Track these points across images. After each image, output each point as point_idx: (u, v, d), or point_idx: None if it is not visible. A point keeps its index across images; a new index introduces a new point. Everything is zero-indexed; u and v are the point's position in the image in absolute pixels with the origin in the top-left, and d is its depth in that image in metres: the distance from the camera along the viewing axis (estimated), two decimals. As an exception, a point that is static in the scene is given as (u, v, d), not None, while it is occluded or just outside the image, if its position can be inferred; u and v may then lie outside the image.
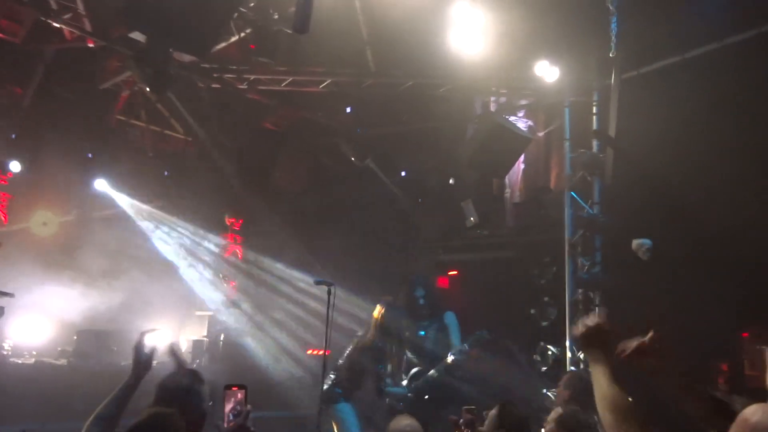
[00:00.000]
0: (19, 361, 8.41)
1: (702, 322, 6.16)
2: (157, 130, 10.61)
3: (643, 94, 7.11)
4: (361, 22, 7.74)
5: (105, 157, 10.09)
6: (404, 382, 6.68)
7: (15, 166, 8.82)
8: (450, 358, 6.43)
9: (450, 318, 6.83)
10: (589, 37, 7.23)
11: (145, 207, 10.80)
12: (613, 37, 6.98)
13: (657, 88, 7.09)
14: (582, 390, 4.37)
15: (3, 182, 8.80)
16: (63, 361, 8.68)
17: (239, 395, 2.39)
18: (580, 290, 7.53)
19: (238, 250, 11.38)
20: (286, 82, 8.92)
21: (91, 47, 7.94)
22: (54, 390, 7.22)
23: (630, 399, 2.12)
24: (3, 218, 8.73)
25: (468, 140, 8.15)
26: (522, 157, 8.86)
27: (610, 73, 7.27)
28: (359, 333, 6.96)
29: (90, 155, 9.88)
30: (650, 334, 2.35)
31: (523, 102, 9.01)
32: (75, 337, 8.92)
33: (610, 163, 7.51)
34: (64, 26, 7.53)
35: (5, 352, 8.37)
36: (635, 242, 6.61)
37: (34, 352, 8.84)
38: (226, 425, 2.33)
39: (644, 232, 6.71)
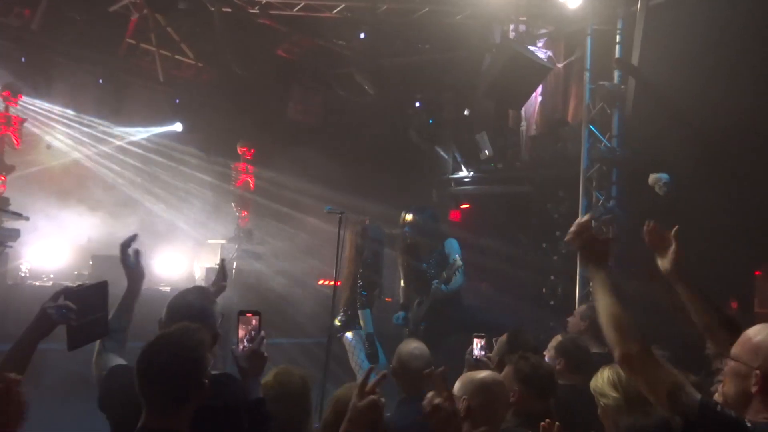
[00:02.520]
0: (37, 284, 8.58)
1: (716, 259, 6.09)
2: (168, 54, 10.39)
3: (669, 22, 6.80)
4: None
5: (115, 82, 9.96)
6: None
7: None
8: (434, 288, 6.39)
9: (450, 244, 6.77)
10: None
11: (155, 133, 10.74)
12: (641, -41, 6.63)
13: (684, 15, 6.76)
14: (599, 323, 4.38)
15: (14, 105, 8.74)
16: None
17: (254, 321, 2.39)
18: (593, 224, 7.47)
19: (250, 180, 11.37)
20: (299, 6, 8.65)
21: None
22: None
23: (630, 314, 2.12)
24: (15, 142, 8.72)
25: (485, 69, 7.93)
26: (540, 89, 8.64)
27: (636, -1, 6.95)
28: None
29: (101, 80, 9.75)
30: (675, 228, 2.36)
31: (544, 31, 8.70)
32: (90, 262, 9.06)
33: (631, 94, 7.29)
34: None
35: (23, 274, 8.52)
36: (652, 176, 6.46)
37: (52, 276, 9.01)
38: (240, 350, 2.35)
39: (665, 166, 6.55)
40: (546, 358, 3.90)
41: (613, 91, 7.44)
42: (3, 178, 8.64)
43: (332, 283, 6.60)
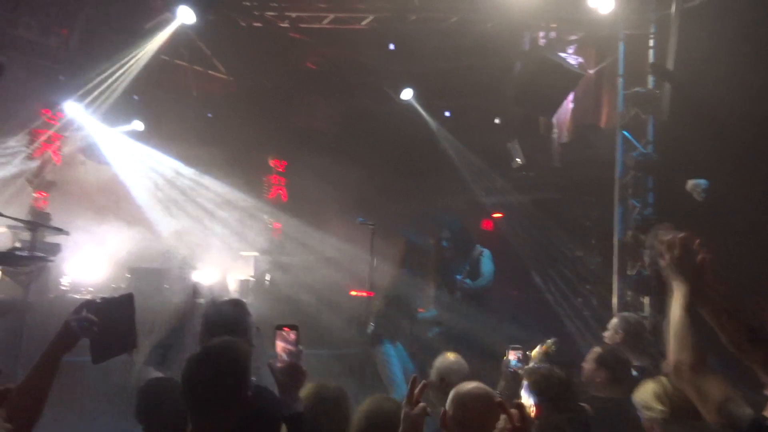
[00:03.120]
0: (77, 297, 8.77)
1: (758, 266, 5.92)
2: (200, 70, 10.58)
3: (705, 24, 6.66)
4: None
5: (150, 98, 10.14)
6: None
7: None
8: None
9: (482, 252, 6.81)
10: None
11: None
12: (675, -38, 6.52)
13: (719, 16, 6.62)
14: (634, 334, 4.31)
15: (54, 122, 8.98)
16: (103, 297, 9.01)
17: (291, 335, 2.41)
18: (629, 232, 7.34)
19: (282, 192, 11.46)
20: (328, 19, 8.73)
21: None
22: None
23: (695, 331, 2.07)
24: (55, 159, 8.96)
25: (515, 76, 7.87)
26: (571, 96, 8.55)
27: (670, 1, 6.83)
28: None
29: (135, 96, 9.95)
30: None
31: (574, 37, 8.61)
32: (128, 275, 9.23)
33: (666, 99, 7.15)
34: (106, -36, 7.49)
35: (64, 288, 8.72)
36: (690, 182, 6.34)
37: (91, 289, 9.20)
38: (279, 364, 2.36)
39: (701, 172, 6.41)
40: (584, 369, 3.84)
41: (648, 96, 7.32)
42: (45, 194, 8.87)
43: (365, 294, 6.61)
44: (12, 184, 8.69)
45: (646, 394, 2.70)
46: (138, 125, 9.90)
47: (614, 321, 4.65)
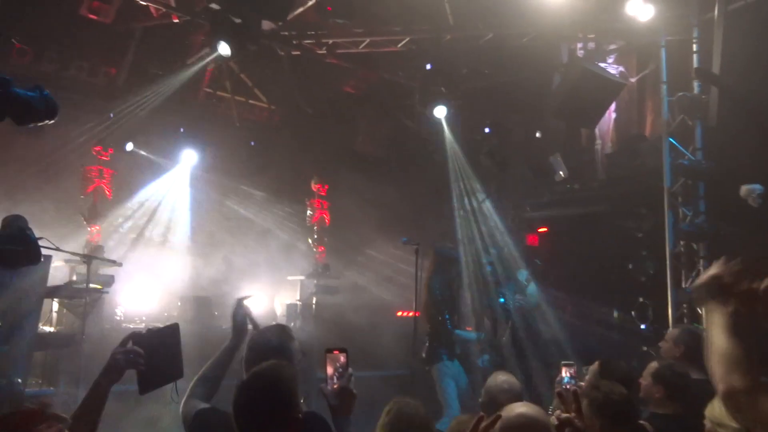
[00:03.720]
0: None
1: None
2: (242, 100, 10.85)
3: (750, 26, 6.47)
4: (437, -26, 7.51)
5: (196, 130, 10.44)
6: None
7: (128, 146, 9.40)
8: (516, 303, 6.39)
9: (522, 275, 6.78)
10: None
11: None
12: (716, -36, 6.37)
13: (764, 17, 6.43)
14: (696, 348, 4.14)
15: (106, 158, 9.34)
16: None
17: (342, 358, 2.41)
18: (681, 242, 7.12)
19: (325, 216, 11.57)
20: (364, 43, 8.85)
21: (176, 23, 8.18)
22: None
23: (744, 353, 1.94)
24: (107, 193, 9.29)
25: (555, 89, 7.80)
26: (613, 106, 8.40)
27: (712, 5, 6.67)
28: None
29: (182, 129, 10.25)
30: None
31: (613, 46, 8.49)
32: (179, 303, 9.43)
33: (714, 103, 6.94)
34: (150, 3, 7.79)
35: (118, 318, 8.96)
36: (744, 188, 6.12)
37: (144, 318, 9.43)
38: (330, 388, 2.36)
39: (754, 177, 6.19)
40: (642, 386, 3.71)
41: (694, 101, 7.13)
42: (98, 227, 9.18)
43: (411, 314, 6.58)
44: (68, 220, 9.03)
45: (721, 409, 2.56)
46: (189, 156, 10.20)
47: (674, 332, 4.48)
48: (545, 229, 10.43)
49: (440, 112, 8.59)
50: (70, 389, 6.58)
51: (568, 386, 3.68)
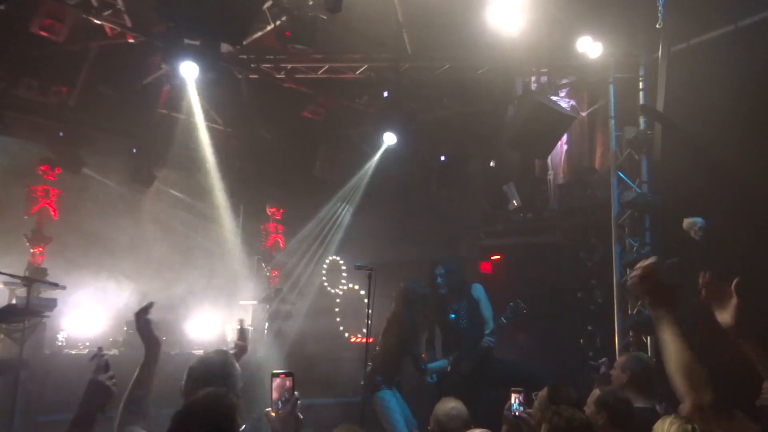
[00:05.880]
0: (73, 352, 8.66)
1: (758, 305, 5.87)
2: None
3: (693, 68, 6.80)
4: (396, 4, 7.63)
5: (149, 151, 10.23)
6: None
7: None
8: (485, 343, 6.42)
9: (477, 290, 6.82)
10: (635, 8, 6.94)
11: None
12: (660, 7, 6.67)
13: (707, 60, 6.76)
14: (642, 374, 4.23)
15: (52, 178, 9.05)
16: (115, 351, 8.91)
17: (287, 383, 2.35)
18: (628, 272, 7.32)
19: (279, 240, 11.46)
20: (323, 69, 8.90)
21: (132, 43, 8.07)
22: (107, 379, 7.42)
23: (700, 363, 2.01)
24: (53, 213, 8.99)
25: (509, 121, 7.98)
26: (565, 138, 8.65)
27: (657, 46, 6.98)
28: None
29: (135, 150, 10.03)
30: (736, 280, 2.25)
31: (565, 81, 8.77)
32: (125, 328, 9.14)
33: (658, 139, 7.24)
34: (105, 23, 7.68)
35: (60, 344, 8.63)
36: (687, 221, 6.36)
37: (87, 343, 9.10)
38: (274, 413, 2.31)
39: (697, 210, 6.43)
40: (586, 413, 3.76)
41: (640, 137, 7.41)
42: (41, 249, 8.86)
43: (364, 340, 6.52)
44: (8, 241, 8.69)
45: None
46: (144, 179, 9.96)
47: (621, 360, 4.57)
48: (498, 257, 10.57)
49: (389, 139, 8.72)
50: (3, 417, 6.27)
51: (517, 413, 3.71)
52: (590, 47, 7.11)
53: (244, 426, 2.23)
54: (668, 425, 2.52)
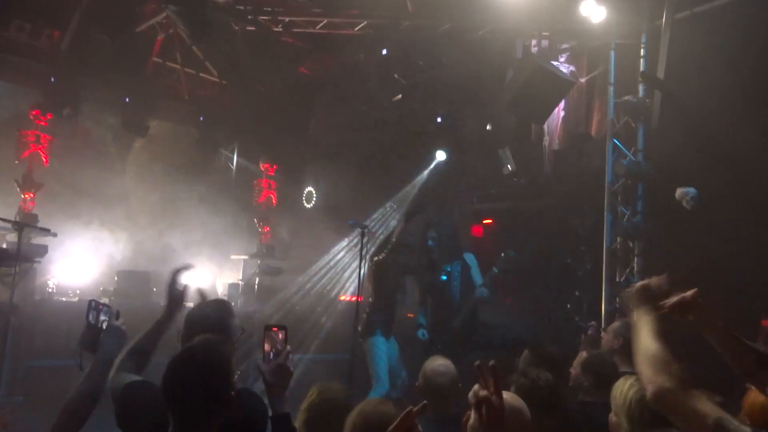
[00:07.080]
0: (63, 299, 8.70)
1: (746, 276, 5.95)
2: (192, 73, 10.55)
3: (695, 35, 6.72)
4: (398, -40, 7.47)
5: (142, 101, 10.09)
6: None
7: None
8: (479, 293, 6.50)
9: (470, 258, 6.88)
10: (640, -27, 6.82)
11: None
12: (665, -27, 6.56)
13: (710, 29, 6.68)
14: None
15: (44, 124, 8.93)
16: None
17: (280, 335, 2.37)
18: (618, 239, 7.37)
19: (272, 196, 11.44)
20: (321, 24, 8.74)
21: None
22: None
23: (670, 355, 2.03)
24: (44, 160, 8.90)
25: (508, 83, 7.89)
26: (562, 104, 8.57)
27: (661, 13, 6.88)
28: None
29: (127, 99, 9.90)
30: (692, 291, 2.25)
31: (566, 45, 8.65)
32: (116, 278, 9.17)
33: (656, 108, 7.20)
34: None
35: (50, 290, 8.65)
36: (679, 191, 6.37)
37: (78, 291, 9.13)
38: (267, 365, 2.33)
39: (689, 180, 6.45)
40: (572, 375, 3.84)
41: (638, 105, 7.37)
42: (32, 195, 8.80)
43: (354, 298, 6.56)
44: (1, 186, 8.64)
45: (619, 394, 2.63)
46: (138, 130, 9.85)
47: (615, 325, 4.62)
48: (490, 221, 10.61)
49: (441, 156, 8.74)
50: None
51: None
52: (593, 11, 7.00)
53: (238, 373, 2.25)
54: (628, 387, 2.56)
